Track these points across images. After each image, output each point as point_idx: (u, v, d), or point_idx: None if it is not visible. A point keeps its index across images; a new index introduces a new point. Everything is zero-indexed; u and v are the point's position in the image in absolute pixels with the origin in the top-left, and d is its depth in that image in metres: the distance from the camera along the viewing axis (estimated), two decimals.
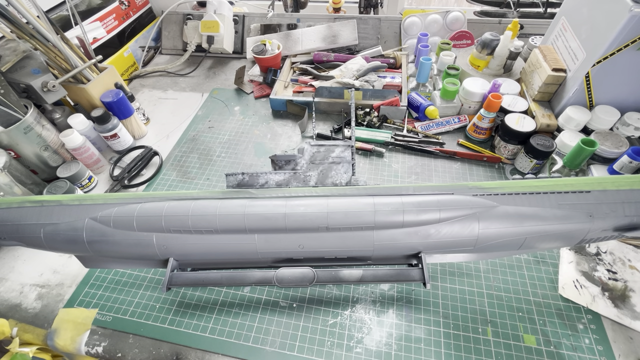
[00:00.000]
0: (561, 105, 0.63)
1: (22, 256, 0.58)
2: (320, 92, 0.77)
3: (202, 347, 0.46)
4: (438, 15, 0.88)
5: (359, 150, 0.71)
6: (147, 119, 0.81)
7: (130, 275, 0.53)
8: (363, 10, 1.00)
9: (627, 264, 0.50)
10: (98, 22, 0.86)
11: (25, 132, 0.59)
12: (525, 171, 0.62)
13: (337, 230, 0.37)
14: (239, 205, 0.38)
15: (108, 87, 0.71)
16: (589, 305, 0.46)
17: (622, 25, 0.51)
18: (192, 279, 0.40)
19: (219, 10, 0.93)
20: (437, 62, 0.82)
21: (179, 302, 0.50)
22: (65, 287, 0.53)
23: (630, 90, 0.58)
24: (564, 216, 0.35)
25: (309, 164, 0.42)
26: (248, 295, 0.50)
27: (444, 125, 0.72)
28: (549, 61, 0.64)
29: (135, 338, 0.47)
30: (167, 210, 0.38)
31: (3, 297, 0.53)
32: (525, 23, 0.87)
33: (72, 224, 0.39)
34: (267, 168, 0.69)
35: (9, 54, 0.61)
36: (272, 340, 0.46)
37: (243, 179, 0.41)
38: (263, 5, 1.05)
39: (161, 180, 0.68)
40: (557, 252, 0.52)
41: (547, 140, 0.59)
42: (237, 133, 0.77)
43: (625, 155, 0.53)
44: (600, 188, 0.36)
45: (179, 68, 0.98)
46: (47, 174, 0.66)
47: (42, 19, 0.59)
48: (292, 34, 0.95)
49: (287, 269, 0.39)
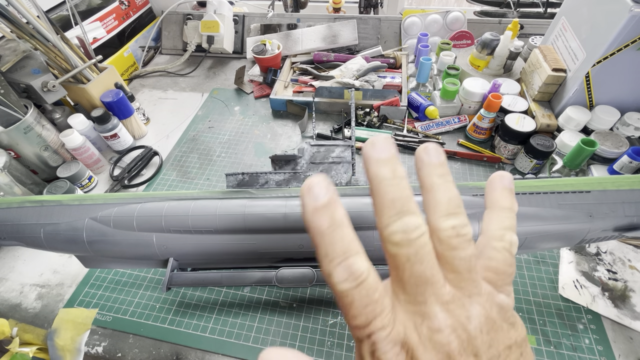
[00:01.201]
0: (561, 105, 0.63)
1: (22, 256, 0.58)
2: (320, 92, 0.77)
3: (202, 347, 0.45)
4: (438, 15, 0.88)
5: (359, 150, 0.71)
6: (147, 119, 0.81)
7: (130, 275, 0.53)
8: (363, 10, 1.00)
9: (627, 264, 0.50)
10: (98, 22, 0.86)
11: (25, 132, 0.59)
12: (525, 171, 0.62)
13: None
14: (239, 205, 0.38)
15: (108, 87, 0.71)
16: (589, 305, 0.46)
17: (622, 25, 0.51)
18: (192, 279, 0.39)
19: (219, 10, 0.93)
20: (437, 62, 0.82)
21: (179, 302, 0.50)
22: (65, 287, 0.53)
23: (630, 90, 0.58)
24: (564, 216, 0.35)
25: (309, 164, 0.42)
26: (248, 295, 0.50)
27: (444, 125, 0.72)
28: (549, 61, 0.64)
29: (135, 338, 0.47)
30: (167, 210, 0.38)
31: (3, 297, 0.53)
32: (525, 23, 0.87)
33: (72, 224, 0.39)
34: (267, 168, 0.69)
35: (9, 54, 0.61)
36: (272, 340, 0.46)
37: (243, 179, 0.41)
38: (263, 5, 1.05)
39: (161, 180, 0.68)
40: (557, 252, 0.52)
41: (547, 140, 0.59)
42: (237, 133, 0.77)
43: (625, 155, 0.53)
44: (600, 188, 0.36)
45: (179, 68, 0.98)
46: (47, 174, 0.66)
47: (42, 19, 0.59)
48: (292, 34, 0.95)
49: (287, 269, 0.39)
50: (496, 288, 0.16)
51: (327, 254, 0.14)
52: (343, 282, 0.14)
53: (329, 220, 0.14)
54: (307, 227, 0.15)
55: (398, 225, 0.14)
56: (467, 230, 0.15)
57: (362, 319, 0.14)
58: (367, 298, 0.14)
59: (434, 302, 0.14)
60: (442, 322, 0.14)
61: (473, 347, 0.14)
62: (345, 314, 0.14)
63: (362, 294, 0.14)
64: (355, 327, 0.14)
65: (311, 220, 0.14)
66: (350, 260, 0.14)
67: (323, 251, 0.14)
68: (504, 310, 0.15)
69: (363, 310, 0.14)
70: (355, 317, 0.14)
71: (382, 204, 0.14)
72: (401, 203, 0.14)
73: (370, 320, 0.14)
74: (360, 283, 0.14)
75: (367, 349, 0.14)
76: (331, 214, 0.14)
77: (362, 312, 0.14)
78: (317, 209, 0.14)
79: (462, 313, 0.14)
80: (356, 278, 0.14)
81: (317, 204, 0.14)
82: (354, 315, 0.14)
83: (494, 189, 0.18)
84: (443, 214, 0.15)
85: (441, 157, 0.16)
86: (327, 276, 0.14)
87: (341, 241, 0.14)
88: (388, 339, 0.14)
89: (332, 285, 0.14)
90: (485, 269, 0.16)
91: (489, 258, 0.16)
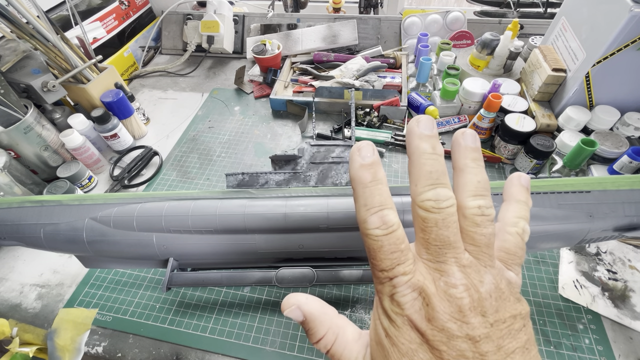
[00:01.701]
0: (561, 105, 0.63)
1: (22, 256, 0.58)
2: (320, 92, 0.77)
3: (202, 347, 0.46)
4: (438, 15, 0.88)
5: None
6: (147, 119, 0.81)
7: (130, 275, 0.53)
8: (363, 10, 1.00)
9: (627, 264, 0.50)
10: (98, 22, 0.86)
11: (25, 132, 0.59)
12: (525, 171, 0.62)
13: (337, 230, 0.37)
14: (239, 205, 0.38)
15: (108, 87, 0.71)
16: (589, 305, 0.46)
17: (622, 25, 0.51)
18: (192, 279, 0.39)
19: (219, 10, 0.93)
20: (437, 62, 0.82)
21: (179, 302, 0.50)
22: (65, 287, 0.53)
23: (630, 90, 0.58)
24: (564, 216, 0.35)
25: (309, 164, 0.42)
26: (248, 295, 0.50)
27: (444, 125, 0.72)
28: (549, 61, 0.64)
29: (135, 338, 0.47)
30: (167, 210, 0.38)
31: (3, 297, 0.53)
32: (525, 23, 0.87)
33: (72, 224, 0.39)
34: (267, 168, 0.69)
35: (9, 54, 0.61)
36: (272, 340, 0.46)
37: (243, 179, 0.41)
38: (263, 5, 1.05)
39: (161, 180, 0.68)
40: (557, 252, 0.52)
41: (547, 140, 0.59)
42: (237, 133, 0.77)
43: (625, 155, 0.53)
44: (600, 188, 0.36)
45: (179, 68, 0.98)
46: (47, 174, 0.66)
47: (42, 19, 0.59)
48: (292, 34, 0.95)
49: (287, 269, 0.39)
50: (506, 266, 0.18)
51: (366, 204, 0.17)
52: (376, 228, 0.16)
53: (372, 176, 0.17)
54: (352, 180, 0.17)
55: (432, 194, 0.16)
56: (491, 212, 0.17)
57: (387, 263, 0.16)
58: (395, 246, 0.16)
59: (453, 263, 0.16)
60: (458, 280, 0.15)
61: (482, 308, 0.15)
62: (372, 259, 0.17)
63: (390, 241, 0.16)
64: (381, 270, 0.16)
65: (357, 175, 0.17)
66: (385, 212, 0.16)
67: (363, 201, 0.17)
68: (512, 286, 0.17)
69: (390, 255, 0.16)
70: (382, 260, 0.16)
71: (419, 174, 0.16)
72: (437, 175, 0.16)
73: (395, 266, 0.16)
74: (391, 232, 0.16)
75: (387, 291, 0.16)
76: (374, 171, 0.17)
77: (388, 257, 0.16)
78: (363, 165, 0.17)
79: (477, 277, 0.16)
80: (388, 227, 0.16)
81: (364, 162, 0.17)
82: (381, 259, 0.16)
83: (512, 184, 0.20)
84: (471, 194, 0.17)
85: (477, 143, 0.18)
86: (362, 222, 0.17)
87: (379, 195, 0.17)
88: (408, 283, 0.16)
89: (365, 232, 0.17)
90: (499, 249, 0.18)
91: (503, 240, 0.18)
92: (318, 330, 0.19)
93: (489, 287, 0.16)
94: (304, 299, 0.20)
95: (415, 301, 0.15)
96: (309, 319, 0.19)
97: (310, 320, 0.19)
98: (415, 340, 0.15)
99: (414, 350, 0.15)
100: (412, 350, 0.15)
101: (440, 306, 0.15)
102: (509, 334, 0.15)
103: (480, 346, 0.14)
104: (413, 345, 0.15)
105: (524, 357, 0.15)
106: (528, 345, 0.15)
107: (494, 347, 0.15)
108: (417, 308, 0.15)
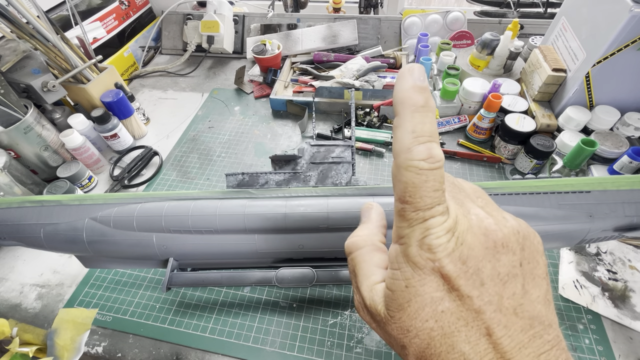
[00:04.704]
0: (561, 105, 0.63)
1: (22, 256, 0.58)
2: (320, 92, 0.77)
3: (202, 347, 0.46)
4: (438, 15, 0.88)
5: (359, 150, 0.71)
6: (147, 119, 0.81)
7: (130, 275, 0.53)
8: (363, 10, 1.00)
9: (627, 264, 0.50)
10: (98, 22, 0.86)
11: (25, 132, 0.59)
12: (525, 171, 0.62)
13: (337, 230, 0.37)
14: (239, 205, 0.38)
15: (108, 87, 0.71)
16: (589, 306, 0.46)
17: (622, 25, 0.51)
18: (192, 279, 0.39)
19: (219, 10, 0.93)
20: (437, 62, 0.82)
21: (179, 302, 0.50)
22: (65, 287, 0.53)
23: (630, 90, 0.58)
24: (564, 216, 0.35)
25: (309, 164, 0.42)
26: (248, 295, 0.50)
27: (444, 126, 0.72)
28: (549, 61, 0.64)
29: (135, 338, 0.47)
30: (167, 210, 0.38)
31: (3, 297, 0.53)
32: (525, 23, 0.87)
33: (72, 224, 0.39)
34: (267, 168, 0.69)
35: (9, 54, 0.61)
36: (272, 340, 0.46)
37: (243, 179, 0.41)
38: (263, 5, 1.05)
39: (161, 180, 0.68)
40: (557, 252, 0.52)
41: (547, 140, 0.59)
42: (237, 133, 0.77)
43: (625, 156, 0.53)
44: (600, 188, 0.36)
45: (179, 68, 0.98)
46: (47, 174, 0.66)
47: (42, 19, 0.59)
48: (292, 34, 0.95)
49: (287, 269, 0.39)
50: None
51: (415, 130, 0.14)
52: (422, 160, 0.14)
53: (425, 100, 0.15)
54: (397, 102, 0.15)
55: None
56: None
57: (428, 201, 0.14)
58: (439, 184, 0.14)
59: (474, 206, 0.16)
60: (484, 216, 0.15)
61: (511, 244, 0.15)
62: (409, 196, 0.14)
63: (436, 177, 0.14)
64: (417, 209, 0.14)
65: (407, 95, 0.15)
66: (434, 144, 0.14)
67: (410, 127, 0.14)
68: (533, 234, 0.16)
69: (432, 193, 0.14)
70: (422, 198, 0.14)
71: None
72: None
73: (435, 205, 0.14)
74: (438, 168, 0.14)
75: (417, 235, 0.15)
76: (428, 96, 0.15)
77: (430, 195, 0.14)
78: (417, 87, 0.15)
79: (499, 215, 0.16)
80: (436, 161, 0.14)
81: (418, 83, 0.15)
82: (421, 196, 0.14)
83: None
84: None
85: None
86: (405, 151, 0.14)
87: (430, 124, 0.15)
88: (444, 225, 0.14)
89: (405, 163, 0.14)
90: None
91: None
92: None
93: (513, 224, 0.15)
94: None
95: (449, 243, 0.14)
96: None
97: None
98: (440, 287, 0.14)
99: (439, 299, 0.14)
100: (436, 300, 0.14)
101: (475, 242, 0.14)
102: (532, 279, 0.15)
103: (506, 288, 0.14)
104: (438, 294, 0.14)
105: (545, 306, 0.15)
106: (549, 297, 0.15)
107: (520, 289, 0.14)
108: (449, 250, 0.14)
